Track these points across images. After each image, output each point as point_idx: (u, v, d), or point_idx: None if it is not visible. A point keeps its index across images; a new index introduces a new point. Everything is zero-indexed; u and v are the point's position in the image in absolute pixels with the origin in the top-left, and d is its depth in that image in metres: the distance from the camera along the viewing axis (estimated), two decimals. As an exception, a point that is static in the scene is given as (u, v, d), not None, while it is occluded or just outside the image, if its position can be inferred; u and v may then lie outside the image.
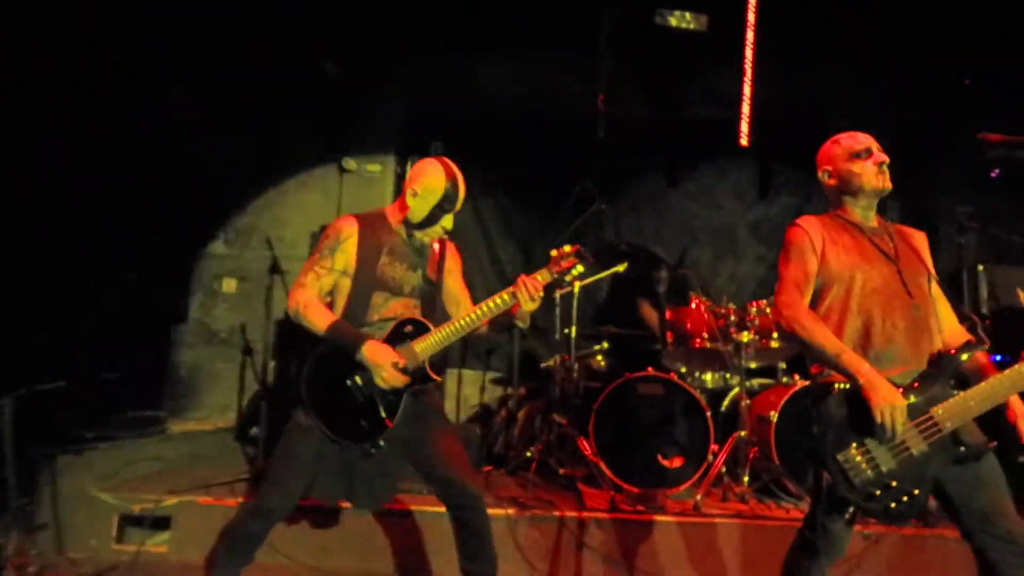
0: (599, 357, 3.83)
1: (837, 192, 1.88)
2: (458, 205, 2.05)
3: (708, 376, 3.70)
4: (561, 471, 3.32)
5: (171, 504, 2.88)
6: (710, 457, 3.13)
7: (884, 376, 1.62)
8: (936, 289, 1.82)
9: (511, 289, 1.95)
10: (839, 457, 1.61)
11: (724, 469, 3.15)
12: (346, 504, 2.31)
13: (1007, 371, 1.61)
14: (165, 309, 4.79)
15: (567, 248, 2.00)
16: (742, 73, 4.41)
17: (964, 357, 1.65)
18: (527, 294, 1.92)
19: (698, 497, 2.95)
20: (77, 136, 3.82)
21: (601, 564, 2.79)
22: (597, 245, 4.72)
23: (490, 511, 2.84)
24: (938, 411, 1.61)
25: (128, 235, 4.35)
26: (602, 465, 3.17)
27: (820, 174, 1.91)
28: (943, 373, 1.65)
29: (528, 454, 3.33)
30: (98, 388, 4.15)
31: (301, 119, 4.93)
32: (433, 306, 2.08)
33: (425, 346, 1.95)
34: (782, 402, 3.17)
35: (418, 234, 2.07)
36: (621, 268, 3.64)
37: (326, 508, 2.64)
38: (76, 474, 3.07)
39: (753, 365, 3.62)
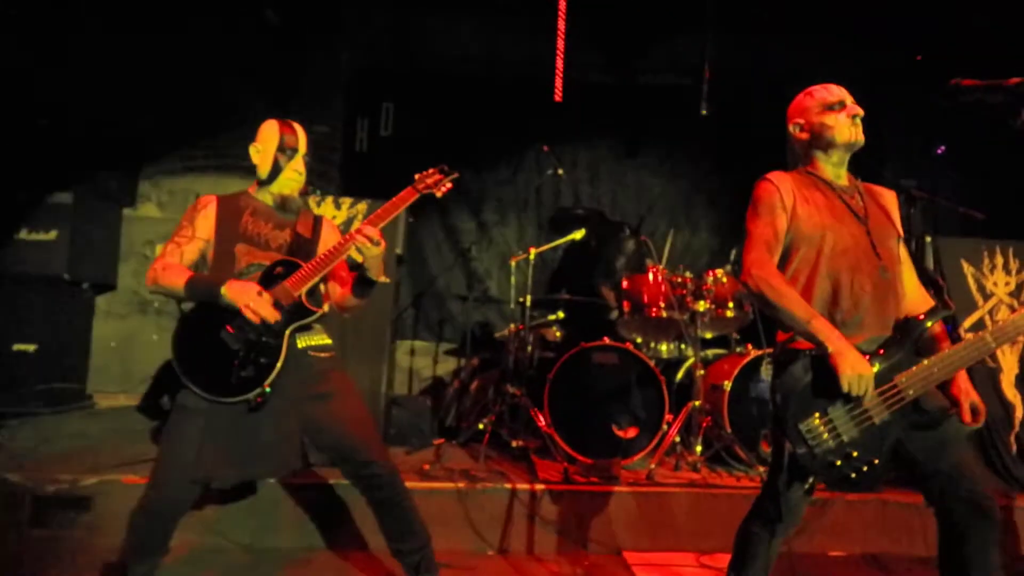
0: (554, 328, 3.74)
1: (808, 147, 1.79)
2: (301, 147, 2.00)
3: (664, 346, 3.67)
4: (514, 443, 3.24)
5: (90, 484, 2.65)
6: (664, 427, 3.10)
7: (853, 340, 1.56)
8: (903, 251, 1.77)
9: (351, 233, 1.89)
10: (801, 426, 1.55)
11: (678, 439, 3.13)
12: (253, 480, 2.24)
13: (970, 337, 1.59)
14: (92, 276, 4.42)
15: (431, 170, 2.03)
16: (703, 40, 4.32)
17: (930, 324, 1.62)
18: (364, 240, 1.85)
19: (652, 466, 2.93)
20: None
21: (554, 535, 2.73)
22: (553, 211, 4.61)
23: (440, 484, 2.77)
24: (902, 379, 1.56)
25: (47, 193, 3.97)
26: (556, 436, 3.11)
27: (791, 127, 1.80)
28: (907, 339, 1.60)
29: (480, 426, 3.23)
30: (11, 361, 3.82)
31: (243, 75, 4.57)
32: (307, 256, 1.96)
33: (297, 280, 1.87)
34: (736, 371, 3.17)
35: (274, 189, 2.00)
36: (578, 235, 3.54)
37: (226, 489, 2.46)
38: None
39: (708, 335, 3.61)
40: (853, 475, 1.55)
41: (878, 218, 1.76)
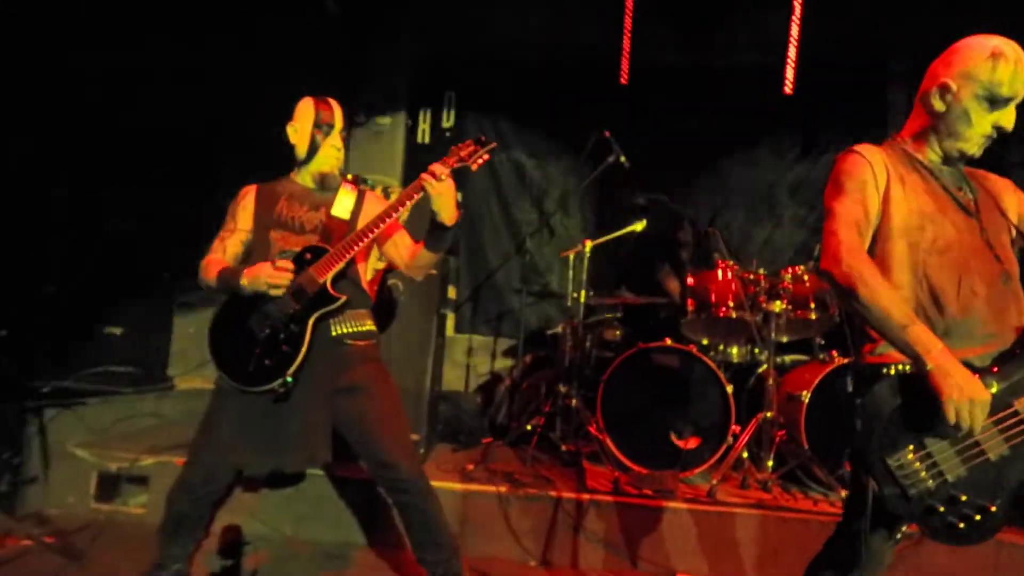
0: (614, 326, 3.51)
1: (934, 119, 1.42)
2: (337, 123, 1.96)
3: (734, 350, 3.34)
4: (564, 447, 3.05)
5: (149, 464, 2.75)
6: (730, 439, 2.81)
7: (960, 355, 1.25)
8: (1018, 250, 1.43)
9: (414, 185, 1.82)
10: (890, 461, 1.25)
11: (745, 453, 2.83)
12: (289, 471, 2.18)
13: None
14: (173, 262, 4.67)
15: (467, 141, 1.89)
16: (790, 10, 3.89)
17: None
18: (429, 178, 1.76)
19: (714, 482, 2.65)
20: (72, 82, 3.65)
21: (601, 550, 2.54)
22: (614, 202, 4.35)
23: (481, 487, 2.65)
24: (1023, 404, 1.25)
25: (130, 186, 4.22)
26: (608, 442, 2.89)
27: (935, 88, 1.39)
28: None
29: (528, 427, 3.07)
30: (98, 342, 4.10)
31: (306, 67, 4.65)
32: (337, 239, 1.89)
33: (322, 266, 1.81)
34: (816, 381, 2.81)
35: (313, 168, 1.96)
36: (639, 227, 3.28)
37: (257, 478, 2.47)
38: (64, 429, 2.97)
39: (784, 339, 3.24)
40: (961, 524, 1.24)
41: (990, 210, 1.43)
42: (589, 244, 3.16)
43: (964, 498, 1.24)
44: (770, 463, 2.80)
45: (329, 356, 1.84)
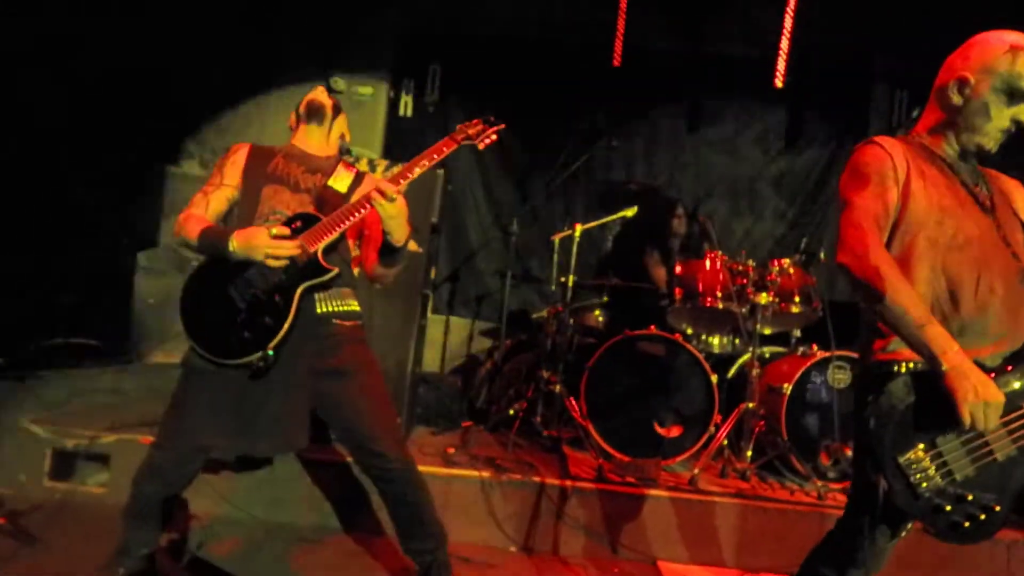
0: (597, 311, 3.48)
1: (952, 113, 1.40)
2: (325, 120, 1.92)
3: (716, 340, 3.36)
4: (545, 432, 3.02)
5: (109, 441, 2.59)
6: (712, 428, 2.83)
7: (972, 354, 1.24)
8: None
9: (365, 197, 1.71)
10: (901, 460, 1.24)
11: (726, 442, 2.85)
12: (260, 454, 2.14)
13: None
14: (134, 233, 4.42)
15: (475, 120, 1.87)
16: (783, 3, 3.88)
17: None
18: (378, 196, 1.64)
19: (695, 471, 2.66)
20: (27, 42, 3.37)
21: (582, 537, 2.52)
22: (604, 185, 4.31)
23: (463, 472, 2.59)
24: None
25: (91, 152, 3.96)
26: (591, 429, 2.88)
27: (953, 80, 1.38)
28: None
29: (511, 412, 3.03)
30: (52, 313, 3.86)
31: (287, 31, 4.43)
32: (331, 211, 1.78)
33: (314, 235, 1.71)
34: (798, 373, 2.85)
35: (303, 146, 1.91)
36: (630, 213, 3.24)
37: (227, 460, 2.37)
38: (17, 404, 2.78)
39: (767, 331, 3.28)
40: (966, 523, 1.24)
41: (1004, 208, 1.42)
42: (580, 228, 3.11)
43: (971, 497, 1.24)
44: (749, 453, 2.83)
45: (314, 334, 1.73)
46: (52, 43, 3.56)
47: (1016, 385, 1.26)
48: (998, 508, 1.24)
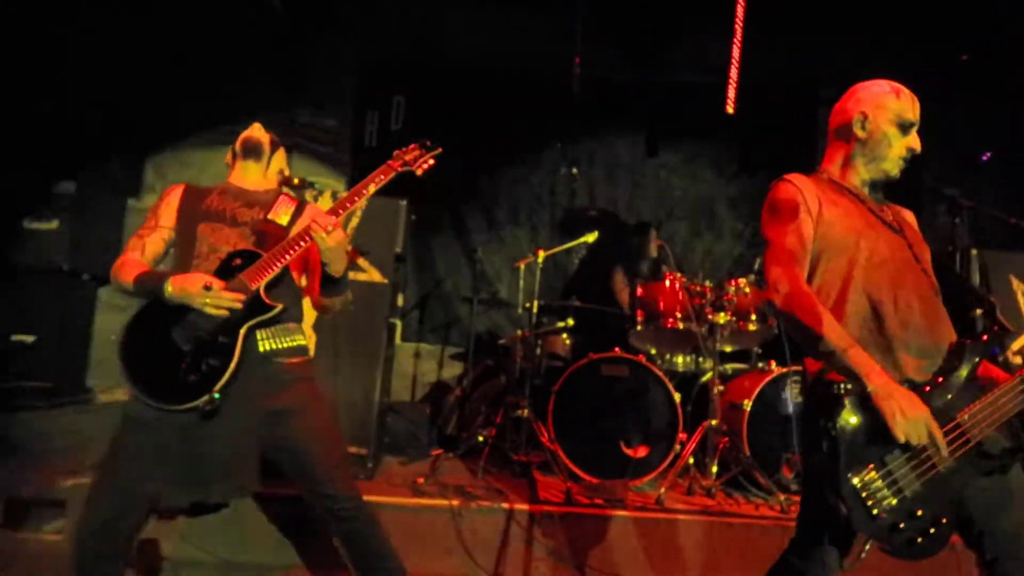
0: (564, 336, 3.54)
1: (856, 147, 1.52)
2: (263, 157, 1.90)
3: (680, 359, 3.44)
4: (515, 457, 3.04)
5: (65, 486, 2.52)
6: (677, 447, 2.88)
7: (901, 369, 1.33)
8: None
9: (305, 229, 1.69)
10: (856, 482, 1.27)
11: (692, 460, 2.90)
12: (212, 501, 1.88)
13: None
14: (94, 267, 4.34)
15: (412, 145, 1.87)
16: (732, 35, 4.07)
17: (976, 356, 1.35)
18: (317, 228, 1.65)
19: (662, 491, 2.70)
20: None
21: (552, 562, 2.53)
22: (566, 212, 4.41)
23: (432, 501, 2.59)
24: (964, 416, 1.31)
25: (50, 182, 3.90)
26: (560, 452, 2.90)
27: (855, 117, 1.50)
28: (967, 368, 1.34)
29: (480, 439, 3.04)
30: (9, 352, 3.75)
31: (252, 65, 4.46)
32: (274, 246, 1.75)
33: (255, 272, 1.68)
34: (757, 389, 2.93)
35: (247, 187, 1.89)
36: (591, 238, 3.32)
37: (178, 509, 2.28)
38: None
39: (728, 349, 3.37)
40: (919, 539, 1.26)
41: (911, 231, 1.53)
42: (542, 254, 3.17)
43: (920, 512, 1.27)
44: (714, 469, 2.89)
45: (259, 375, 1.70)
46: (11, 63, 3.53)
47: (947, 397, 1.33)
48: (945, 520, 1.28)
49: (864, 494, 1.27)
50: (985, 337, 1.37)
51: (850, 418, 1.30)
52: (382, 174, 1.78)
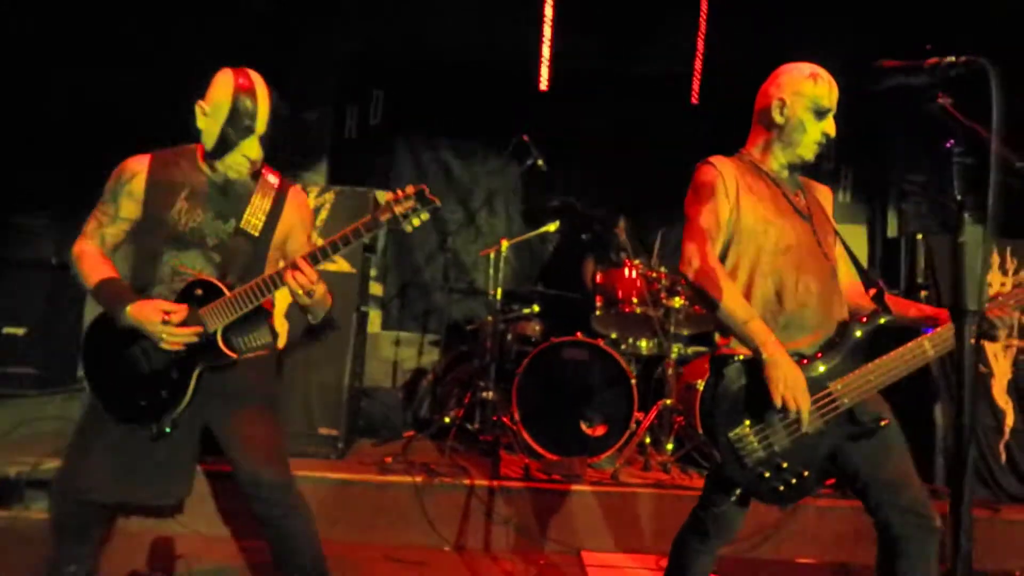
0: (533, 321, 3.67)
1: (774, 131, 1.61)
2: (259, 125, 1.61)
3: (643, 343, 3.57)
4: (481, 437, 3.19)
5: (51, 467, 2.67)
6: (633, 425, 3.03)
7: (793, 344, 1.49)
8: (840, 248, 1.67)
9: (281, 270, 1.57)
10: (731, 434, 1.46)
11: (648, 438, 3.05)
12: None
13: (908, 345, 1.49)
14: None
15: (409, 189, 1.58)
16: (696, 27, 4.17)
17: (867, 329, 1.52)
18: (296, 285, 1.54)
19: (617, 465, 2.85)
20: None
21: (512, 534, 2.69)
22: (536, 203, 4.53)
23: (396, 478, 2.74)
24: (837, 386, 1.47)
25: (39, 176, 4.03)
26: (523, 432, 3.05)
27: (774, 103, 1.58)
28: (846, 344, 1.51)
29: (447, 420, 3.19)
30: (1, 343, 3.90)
31: (230, 60, 4.56)
32: (242, 265, 1.67)
33: (214, 313, 1.58)
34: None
35: (219, 166, 1.65)
36: (552, 228, 3.45)
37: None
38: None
39: (686, 332, 3.51)
40: (781, 487, 1.46)
41: (819, 214, 1.66)
42: (505, 244, 3.31)
43: (785, 465, 1.46)
44: (670, 446, 3.04)
45: (210, 387, 1.65)
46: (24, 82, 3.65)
47: (822, 369, 1.49)
48: (807, 474, 1.46)
49: (738, 446, 1.45)
50: (864, 319, 1.52)
51: (734, 379, 1.48)
52: (364, 229, 1.56)
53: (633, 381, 3.04)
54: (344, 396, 2.95)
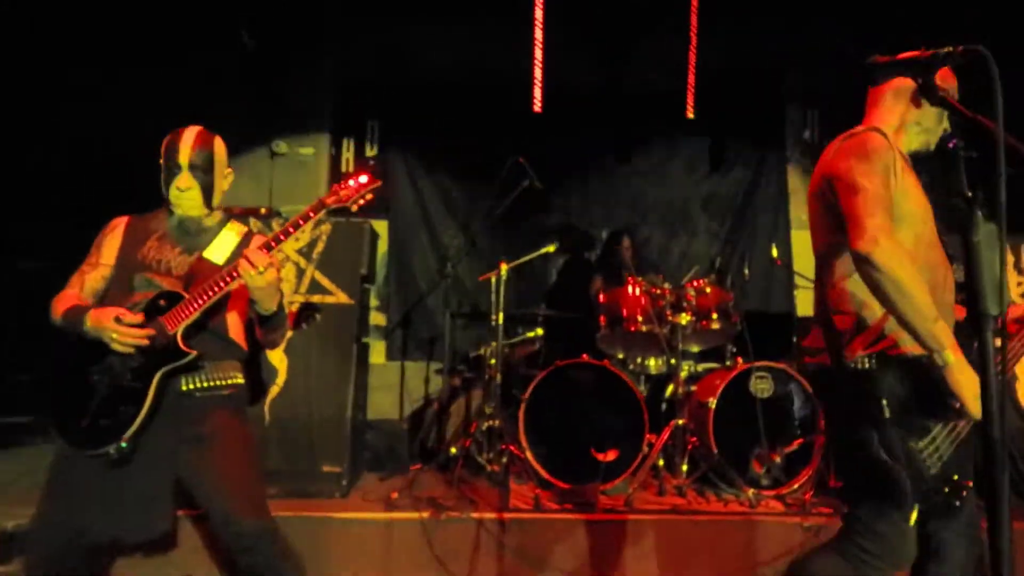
0: (537, 344, 3.60)
1: (911, 113, 1.42)
2: (181, 158, 1.72)
3: (651, 361, 3.48)
4: (490, 467, 3.09)
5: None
6: (645, 448, 2.92)
7: None
8: None
9: (236, 264, 1.63)
10: (912, 445, 1.29)
11: (662, 461, 2.94)
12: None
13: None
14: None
15: (354, 176, 1.77)
16: (688, 40, 4.16)
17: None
18: (247, 268, 1.59)
19: (630, 491, 2.75)
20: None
21: (525, 567, 2.58)
22: (540, 222, 4.50)
23: (403, 515, 2.65)
24: None
25: (41, 223, 4.06)
26: (531, 460, 2.95)
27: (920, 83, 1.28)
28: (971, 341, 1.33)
29: (453, 450, 3.10)
30: (11, 391, 3.88)
31: (227, 100, 4.61)
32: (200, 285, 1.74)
33: (173, 316, 1.64)
34: (722, 386, 2.97)
35: (173, 208, 1.77)
36: (551, 249, 3.40)
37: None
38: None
39: (695, 348, 3.41)
40: (957, 503, 1.31)
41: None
42: (505, 267, 3.25)
43: (956, 477, 1.31)
44: (684, 468, 2.93)
45: (175, 410, 1.66)
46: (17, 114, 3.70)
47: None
48: (971, 484, 1.32)
49: (916, 458, 1.29)
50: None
51: (902, 384, 1.32)
52: (312, 212, 1.71)
53: (643, 402, 2.94)
54: (347, 430, 2.88)
